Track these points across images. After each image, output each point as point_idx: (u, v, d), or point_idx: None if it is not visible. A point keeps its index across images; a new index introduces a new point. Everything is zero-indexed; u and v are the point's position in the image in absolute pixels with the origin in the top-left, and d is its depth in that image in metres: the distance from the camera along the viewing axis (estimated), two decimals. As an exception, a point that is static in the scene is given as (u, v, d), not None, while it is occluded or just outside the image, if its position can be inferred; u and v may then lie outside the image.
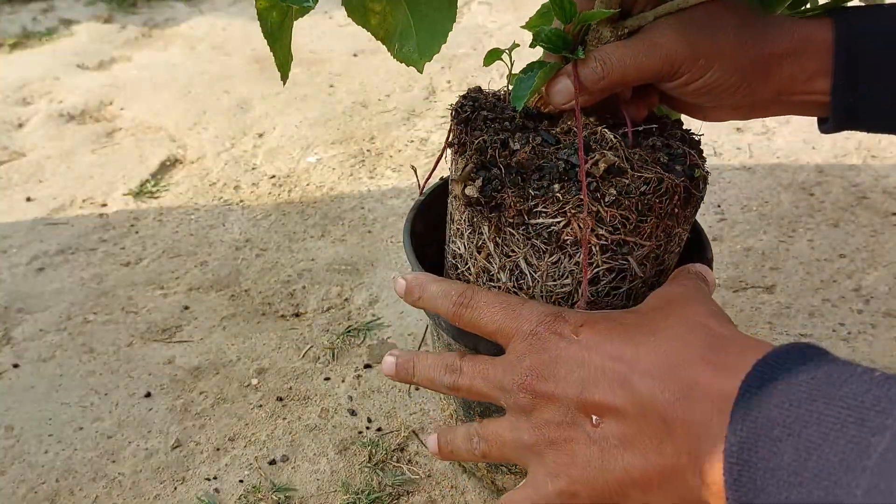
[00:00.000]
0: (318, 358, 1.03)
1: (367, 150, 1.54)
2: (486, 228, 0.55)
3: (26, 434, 0.92)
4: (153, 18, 2.23)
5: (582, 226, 0.50)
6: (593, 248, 0.51)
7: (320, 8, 2.29)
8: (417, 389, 0.98)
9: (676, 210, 0.52)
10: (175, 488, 0.86)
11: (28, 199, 1.38)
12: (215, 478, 0.87)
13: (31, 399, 0.97)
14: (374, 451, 0.89)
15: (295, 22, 0.58)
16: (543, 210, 0.51)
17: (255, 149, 1.56)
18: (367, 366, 1.02)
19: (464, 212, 0.56)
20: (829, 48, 0.51)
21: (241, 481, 0.86)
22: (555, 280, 0.53)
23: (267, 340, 1.06)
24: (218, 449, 0.90)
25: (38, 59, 1.95)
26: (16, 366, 1.02)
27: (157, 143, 1.57)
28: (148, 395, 0.98)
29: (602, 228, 0.50)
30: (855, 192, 1.38)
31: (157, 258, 1.23)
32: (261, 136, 1.60)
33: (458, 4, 0.64)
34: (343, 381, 1.00)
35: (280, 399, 0.97)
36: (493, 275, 0.56)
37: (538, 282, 0.54)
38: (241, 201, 1.39)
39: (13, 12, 2.23)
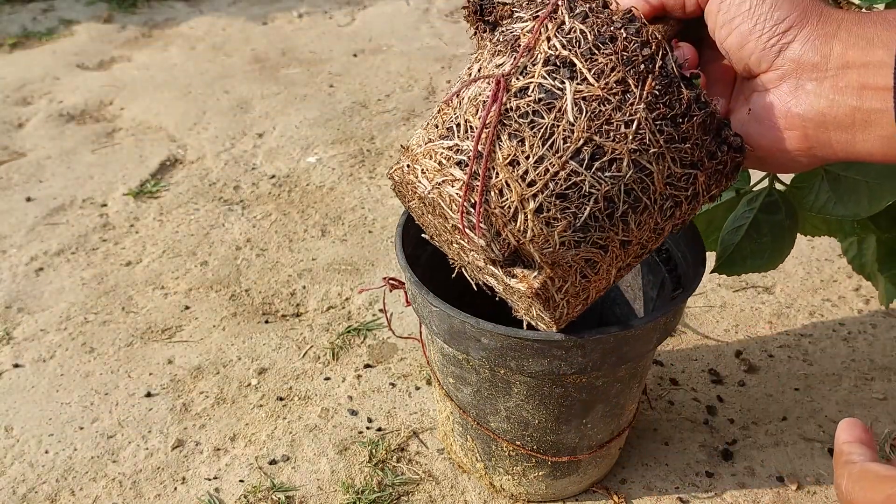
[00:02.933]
0: (319, 358, 1.03)
1: (367, 150, 1.54)
2: (474, 56, 0.54)
3: (26, 434, 0.92)
4: (153, 18, 2.23)
5: (542, 30, 0.48)
6: (539, 55, 0.48)
7: (320, 7, 2.29)
8: (418, 389, 0.98)
9: (643, 67, 0.47)
10: (175, 488, 0.86)
11: (28, 199, 1.38)
12: (216, 478, 0.87)
13: (31, 399, 0.97)
14: (374, 450, 0.89)
15: (294, 22, 0.59)
16: (521, 15, 0.50)
17: (255, 149, 1.56)
18: (368, 366, 1.02)
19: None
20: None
21: (241, 481, 0.86)
22: (487, 83, 0.50)
23: (267, 340, 1.06)
24: (218, 449, 0.90)
25: (38, 59, 1.95)
26: (16, 366, 1.02)
27: (157, 143, 1.57)
28: (148, 394, 0.98)
29: (557, 38, 0.48)
30: (855, 192, 1.38)
31: (157, 258, 1.23)
32: (261, 136, 1.60)
33: (460, 4, 0.66)
34: (343, 380, 1.00)
35: (280, 399, 0.97)
36: (450, 90, 0.55)
37: (473, 84, 0.51)
38: (241, 201, 1.39)
39: (13, 12, 2.23)
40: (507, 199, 0.48)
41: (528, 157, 0.48)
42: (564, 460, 0.77)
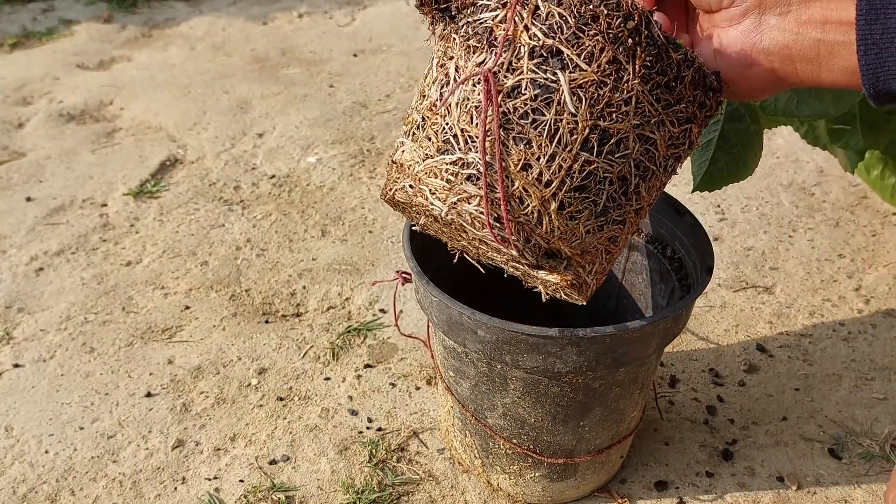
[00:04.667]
0: (319, 358, 1.03)
1: (367, 150, 1.54)
2: (438, 48, 0.51)
3: (26, 434, 0.92)
4: (153, 18, 2.23)
5: (517, 19, 0.46)
6: (521, 47, 0.46)
7: (320, 7, 2.29)
8: (418, 389, 0.98)
9: (630, 42, 0.46)
10: (175, 488, 0.86)
11: (28, 199, 1.38)
12: (216, 477, 0.87)
13: (31, 399, 0.97)
14: (374, 450, 0.89)
15: (294, 22, 0.58)
16: (486, 2, 0.48)
17: (255, 149, 1.56)
18: (368, 366, 1.02)
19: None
20: None
21: (241, 481, 0.86)
22: (473, 86, 0.47)
23: (267, 340, 1.06)
24: (218, 449, 0.90)
25: (38, 59, 1.95)
26: (16, 366, 1.02)
27: (157, 143, 1.57)
28: (148, 394, 0.98)
29: (536, 27, 0.46)
30: (855, 192, 1.38)
31: (157, 258, 1.23)
32: (261, 136, 1.60)
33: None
34: (343, 380, 1.00)
35: (280, 399, 0.97)
36: (426, 94, 0.50)
37: (458, 88, 0.47)
38: (241, 201, 1.39)
39: (13, 12, 2.23)
40: (529, 205, 0.47)
41: (539, 159, 0.46)
42: (560, 462, 0.76)
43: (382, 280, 1.06)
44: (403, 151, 0.51)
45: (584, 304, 0.57)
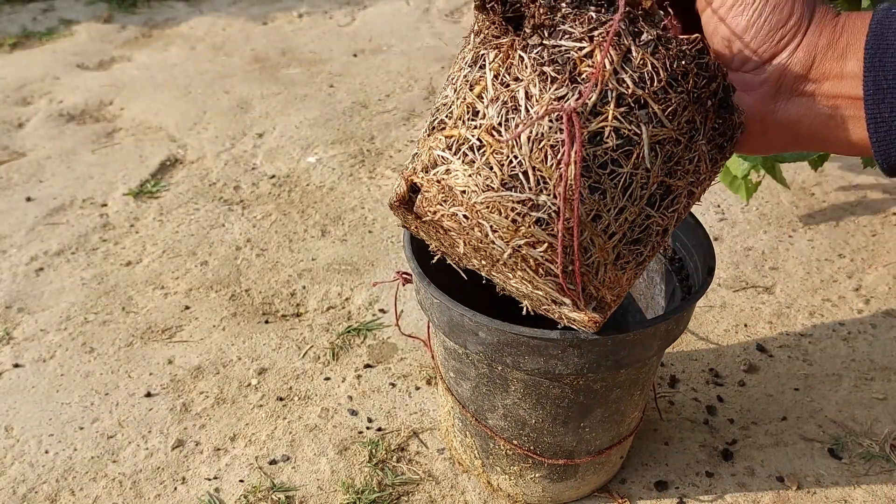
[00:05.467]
0: (319, 358, 1.04)
1: (367, 150, 1.54)
2: (490, 57, 0.46)
3: (26, 434, 0.92)
4: (153, 18, 2.23)
5: (607, 61, 0.42)
6: (609, 92, 0.43)
7: (320, 7, 2.29)
8: (418, 389, 0.98)
9: (709, 104, 0.44)
10: (175, 488, 0.86)
11: (28, 199, 1.38)
12: (216, 478, 0.87)
13: (31, 399, 0.97)
14: (374, 450, 0.89)
15: (294, 22, 0.58)
16: (569, 29, 0.44)
17: (255, 149, 1.56)
18: (368, 366, 1.02)
19: (468, 50, 0.48)
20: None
21: (241, 481, 0.86)
22: (552, 122, 0.43)
23: (267, 340, 1.06)
24: (218, 449, 0.90)
25: (38, 59, 1.95)
26: (16, 366, 1.02)
27: (157, 143, 1.57)
28: (148, 394, 0.98)
29: (626, 73, 0.43)
30: (855, 192, 1.38)
31: (157, 258, 1.23)
32: (261, 136, 1.60)
33: (460, 4, 0.66)
34: (343, 380, 1.00)
35: (280, 399, 0.97)
36: (478, 111, 0.45)
37: (531, 119, 0.43)
38: (241, 201, 1.39)
39: (13, 12, 2.23)
40: (592, 256, 0.46)
41: (609, 210, 0.45)
42: (561, 463, 0.76)
43: (383, 281, 1.07)
44: (452, 174, 0.47)
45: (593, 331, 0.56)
